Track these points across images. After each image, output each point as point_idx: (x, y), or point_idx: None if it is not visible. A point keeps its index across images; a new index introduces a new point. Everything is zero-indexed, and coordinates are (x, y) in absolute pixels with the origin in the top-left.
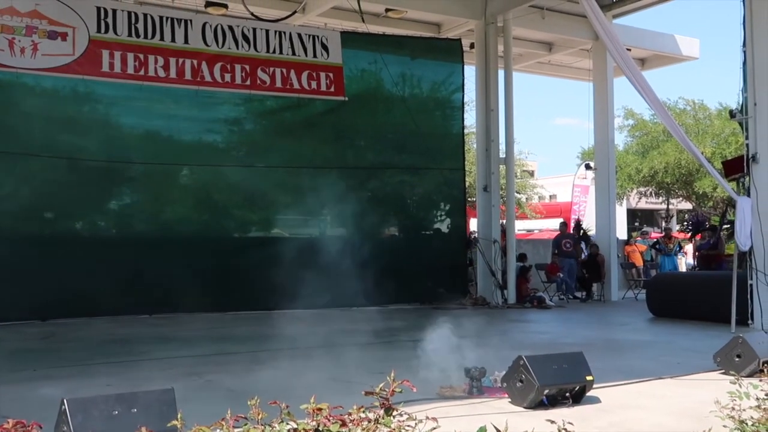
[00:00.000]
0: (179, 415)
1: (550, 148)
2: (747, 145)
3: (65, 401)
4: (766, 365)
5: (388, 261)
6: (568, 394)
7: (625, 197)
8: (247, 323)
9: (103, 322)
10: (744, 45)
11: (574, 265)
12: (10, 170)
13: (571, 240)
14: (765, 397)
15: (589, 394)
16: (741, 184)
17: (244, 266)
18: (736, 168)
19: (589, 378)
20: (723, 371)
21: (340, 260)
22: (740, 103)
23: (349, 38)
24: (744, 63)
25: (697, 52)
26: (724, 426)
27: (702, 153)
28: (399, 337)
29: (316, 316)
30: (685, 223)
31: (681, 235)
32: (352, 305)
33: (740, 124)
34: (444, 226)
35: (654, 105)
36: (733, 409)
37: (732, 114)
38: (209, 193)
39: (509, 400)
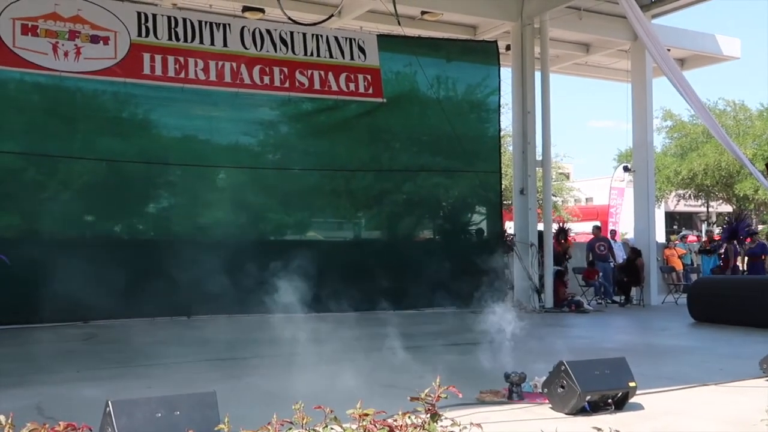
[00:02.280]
0: (226, 419)
1: (586, 151)
2: None
3: (110, 403)
4: None
5: (424, 264)
6: (610, 401)
7: (663, 200)
8: (285, 326)
9: (142, 323)
10: None
11: (609, 269)
12: (52, 173)
13: (605, 243)
14: None
15: (631, 400)
16: None
17: (281, 269)
18: None
19: (632, 384)
20: None
21: (376, 263)
22: None
23: (385, 41)
24: None
25: (738, 52)
26: None
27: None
28: (437, 341)
29: (352, 320)
30: (724, 227)
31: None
32: (388, 308)
33: None
34: (480, 229)
35: (695, 106)
36: None
37: None
38: (246, 195)
39: (550, 406)
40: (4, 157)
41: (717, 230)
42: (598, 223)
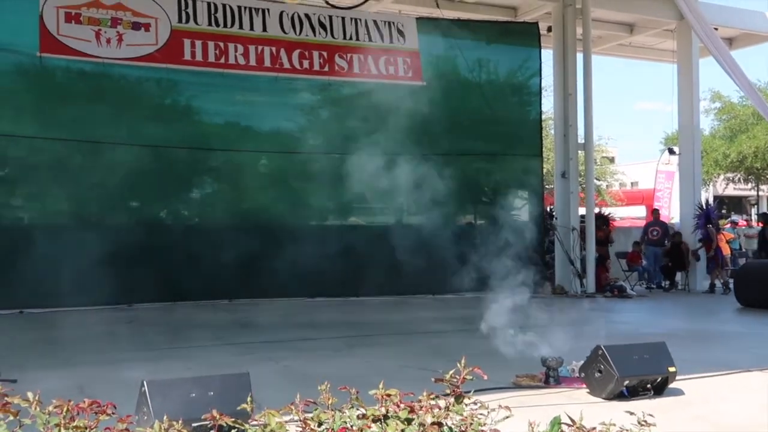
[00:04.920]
0: (249, 399)
1: (632, 134)
2: None
3: (145, 383)
4: None
5: (465, 249)
6: (649, 386)
7: (711, 183)
8: (325, 310)
9: (184, 307)
10: None
11: (659, 254)
12: (98, 159)
13: (660, 228)
14: None
15: (671, 385)
16: None
17: (322, 254)
18: None
19: (671, 369)
20: None
21: (417, 248)
22: None
23: (424, 24)
24: None
25: None
26: None
27: None
28: (476, 325)
29: (393, 304)
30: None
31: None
32: (429, 293)
33: None
34: (521, 214)
35: (743, 86)
36: None
37: None
38: (288, 180)
39: (587, 390)
40: (52, 144)
41: None
42: (657, 207)
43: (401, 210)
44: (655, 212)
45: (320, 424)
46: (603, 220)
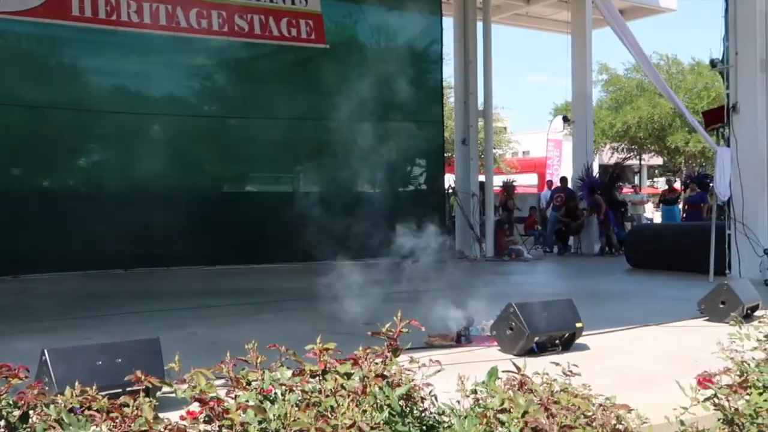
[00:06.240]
0: (177, 358)
1: (522, 105)
2: (728, 95)
3: (46, 351)
4: (749, 311)
5: (364, 216)
6: (557, 341)
7: (597, 153)
8: (225, 278)
9: (76, 277)
10: None
11: (556, 219)
12: None
13: (563, 195)
14: (765, 339)
15: (578, 341)
16: (721, 135)
17: (219, 221)
18: (716, 118)
19: (579, 325)
20: (707, 318)
21: (315, 215)
22: (722, 53)
23: None
24: (726, 11)
25: (675, 4)
26: (725, 367)
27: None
28: (383, 289)
29: (295, 270)
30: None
31: (653, 191)
32: (328, 259)
33: (721, 74)
34: (421, 181)
35: (638, 56)
36: (734, 351)
37: (713, 64)
38: (183, 145)
39: (498, 348)
40: None
41: (647, 183)
42: (565, 176)
43: (300, 177)
44: (563, 179)
45: (249, 383)
46: (511, 188)
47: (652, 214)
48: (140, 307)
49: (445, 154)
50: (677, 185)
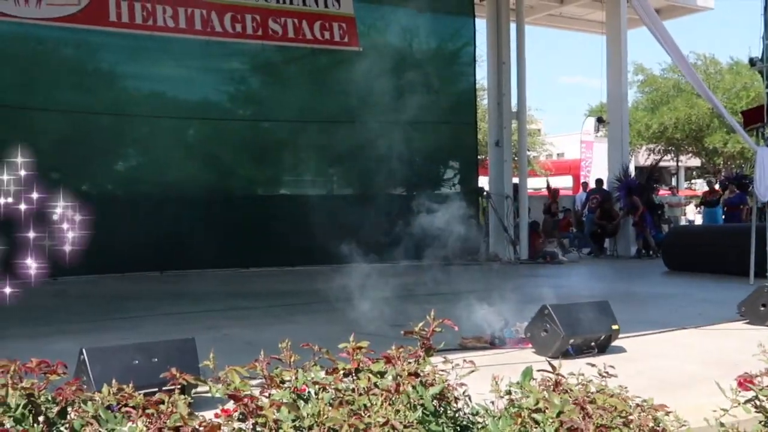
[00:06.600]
0: (211, 356)
1: (556, 107)
2: (767, 94)
3: (84, 351)
4: None
5: (397, 218)
6: (593, 344)
7: (633, 154)
8: (258, 280)
9: (113, 279)
10: None
11: (593, 221)
12: (12, 126)
13: (598, 196)
14: None
15: (614, 343)
16: (761, 134)
17: (253, 224)
18: (755, 118)
19: (615, 327)
20: (747, 321)
21: (347, 218)
22: (761, 51)
23: None
24: (765, 9)
25: (712, 3)
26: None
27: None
28: (414, 292)
29: (326, 273)
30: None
31: (691, 192)
32: (361, 261)
33: (760, 72)
34: (455, 182)
35: (675, 56)
36: None
37: (752, 62)
38: (217, 149)
39: (533, 350)
40: None
41: (684, 185)
42: (600, 177)
43: (333, 179)
44: (598, 181)
45: (282, 382)
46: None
47: (695, 216)
48: (175, 309)
49: (479, 157)
50: (717, 186)
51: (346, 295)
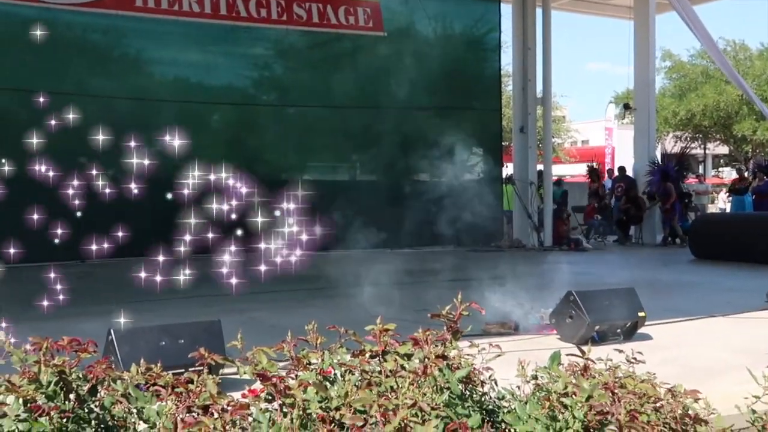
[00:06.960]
0: (239, 335)
1: (581, 94)
2: None
3: (112, 332)
4: None
5: (421, 204)
6: (619, 330)
7: (660, 141)
8: (281, 266)
9: (137, 263)
10: None
11: (619, 209)
12: (42, 111)
13: (623, 184)
14: None
15: (640, 331)
16: None
17: (278, 209)
18: None
19: (641, 314)
20: None
21: (371, 204)
22: None
23: None
24: None
25: None
26: None
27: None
28: (438, 277)
29: (352, 258)
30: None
31: (718, 180)
32: (387, 247)
33: None
34: (479, 168)
35: (705, 41)
36: None
37: None
38: (241, 134)
39: (558, 336)
40: None
41: (712, 172)
42: (623, 165)
43: (357, 165)
44: (621, 168)
45: (309, 364)
46: (595, 173)
47: (725, 204)
48: (201, 292)
49: (503, 143)
50: (747, 174)
51: (370, 280)
